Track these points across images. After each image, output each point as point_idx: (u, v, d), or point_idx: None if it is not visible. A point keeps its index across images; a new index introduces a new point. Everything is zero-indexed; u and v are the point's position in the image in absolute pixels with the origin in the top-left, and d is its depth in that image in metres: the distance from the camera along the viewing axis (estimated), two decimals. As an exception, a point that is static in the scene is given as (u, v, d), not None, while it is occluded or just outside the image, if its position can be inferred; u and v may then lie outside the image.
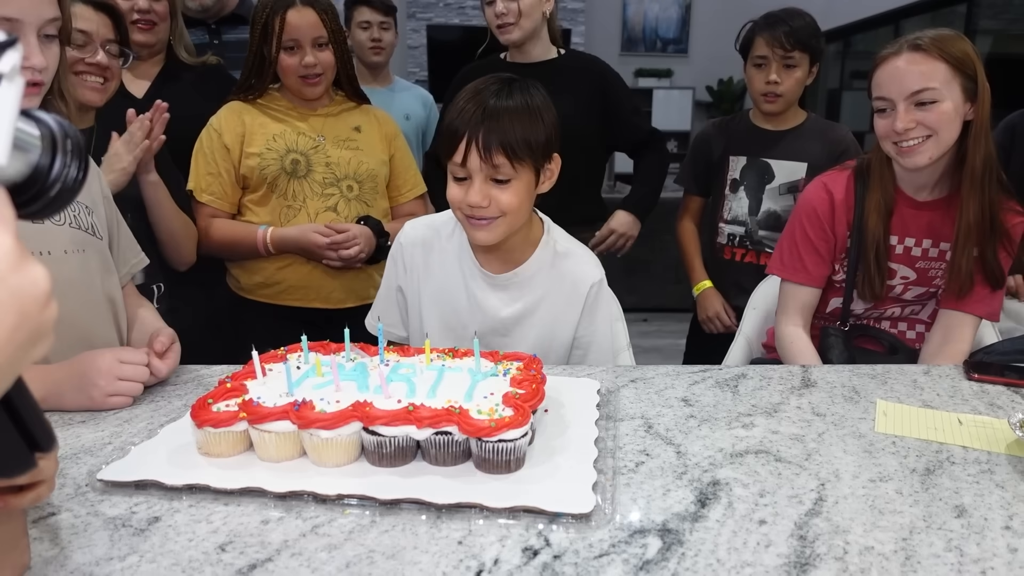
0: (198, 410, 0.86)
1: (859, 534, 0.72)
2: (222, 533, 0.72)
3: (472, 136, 1.12)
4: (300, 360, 1.03)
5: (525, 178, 1.17)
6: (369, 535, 0.72)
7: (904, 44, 1.32)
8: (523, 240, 1.27)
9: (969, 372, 1.18)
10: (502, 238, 1.21)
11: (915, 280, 1.46)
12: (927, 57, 1.29)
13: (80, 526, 0.74)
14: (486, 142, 1.11)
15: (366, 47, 2.55)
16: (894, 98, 1.32)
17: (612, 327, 1.36)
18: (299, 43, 1.64)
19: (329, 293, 1.76)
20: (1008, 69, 4.59)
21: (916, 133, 1.30)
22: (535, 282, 1.28)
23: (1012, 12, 4.56)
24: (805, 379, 1.17)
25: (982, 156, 1.32)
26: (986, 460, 0.89)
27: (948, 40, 1.30)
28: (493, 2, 1.90)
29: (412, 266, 1.34)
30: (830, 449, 0.91)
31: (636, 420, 1.00)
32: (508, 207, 1.16)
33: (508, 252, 1.27)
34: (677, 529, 0.73)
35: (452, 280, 1.30)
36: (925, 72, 1.29)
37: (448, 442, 0.83)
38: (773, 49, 1.87)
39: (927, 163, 1.33)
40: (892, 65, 1.32)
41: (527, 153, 1.14)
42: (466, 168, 1.14)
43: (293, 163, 1.69)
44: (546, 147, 1.18)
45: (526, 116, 1.14)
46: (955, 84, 1.29)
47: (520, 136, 1.12)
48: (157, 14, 1.77)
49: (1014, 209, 1.40)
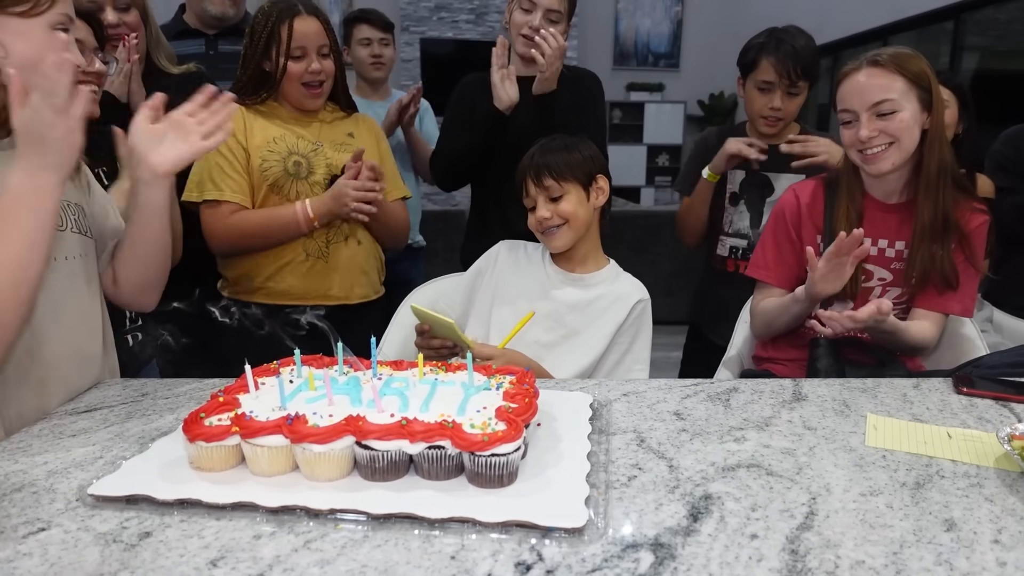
0: (190, 424, 0.86)
1: (850, 548, 0.72)
2: (214, 548, 0.72)
3: (527, 172, 1.51)
4: (293, 374, 1.03)
5: (575, 193, 1.49)
6: (362, 550, 0.72)
7: (864, 60, 1.44)
8: (591, 258, 1.57)
9: (958, 386, 1.19)
10: (570, 244, 1.52)
11: (892, 281, 1.53)
12: (885, 71, 1.40)
13: (70, 541, 0.73)
14: (537, 172, 1.49)
15: (367, 63, 2.60)
16: (857, 109, 1.43)
17: (647, 342, 1.56)
18: (306, 51, 1.67)
19: (327, 291, 1.78)
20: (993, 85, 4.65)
21: (879, 141, 1.41)
22: (598, 287, 1.55)
23: (997, 29, 4.63)
24: (796, 393, 1.17)
25: (936, 161, 1.43)
26: (975, 474, 0.89)
27: (904, 57, 1.42)
28: (532, 12, 1.85)
29: (499, 262, 1.63)
30: (821, 463, 0.92)
31: (628, 434, 1.00)
32: (566, 213, 1.48)
33: (580, 263, 1.56)
34: (669, 543, 0.73)
35: (533, 273, 1.58)
36: (884, 85, 1.40)
37: (441, 456, 0.83)
38: (780, 77, 1.86)
39: (891, 168, 1.43)
40: (854, 79, 1.43)
41: (568, 172, 1.48)
42: (530, 197, 1.51)
43: (295, 164, 1.71)
44: (586, 168, 1.50)
45: (563, 150, 1.50)
46: (912, 95, 1.40)
47: (560, 161, 1.48)
48: (128, 26, 1.77)
49: (975, 208, 1.47)
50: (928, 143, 1.43)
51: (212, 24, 2.27)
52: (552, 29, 1.81)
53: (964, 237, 1.47)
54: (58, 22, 1.05)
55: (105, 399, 1.16)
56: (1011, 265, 2.15)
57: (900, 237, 1.49)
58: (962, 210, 1.48)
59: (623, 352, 1.52)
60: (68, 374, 1.16)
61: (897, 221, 1.50)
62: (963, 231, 1.47)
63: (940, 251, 1.46)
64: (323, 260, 1.77)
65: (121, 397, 1.17)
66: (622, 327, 1.51)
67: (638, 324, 1.53)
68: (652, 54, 8.69)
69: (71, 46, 1.06)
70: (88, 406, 1.13)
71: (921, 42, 5.36)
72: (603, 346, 1.50)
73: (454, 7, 7.99)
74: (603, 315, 1.51)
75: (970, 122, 2.05)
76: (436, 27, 7.96)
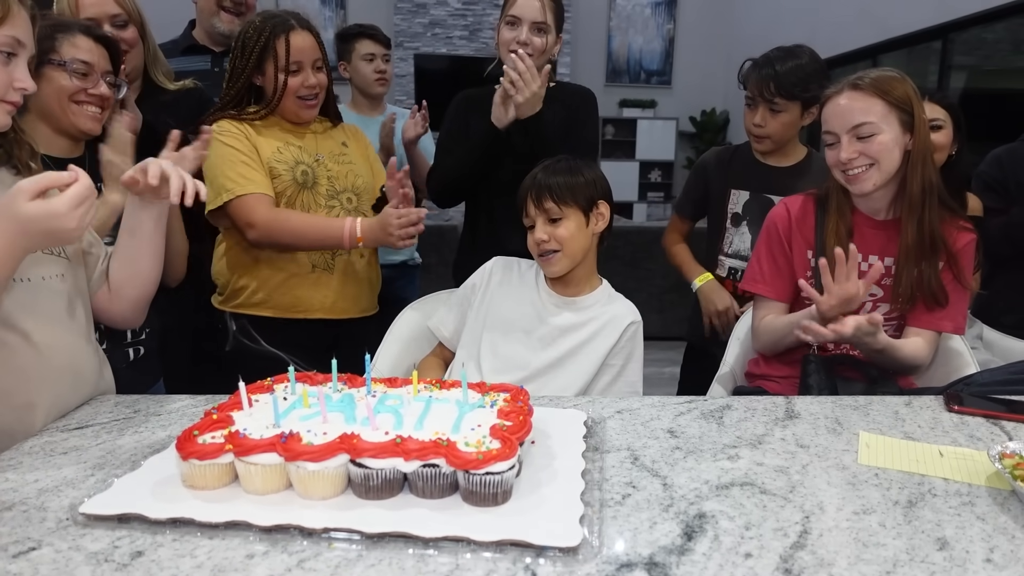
0: (183, 442, 0.86)
1: (843, 567, 0.73)
2: (206, 568, 0.72)
3: (529, 193, 1.50)
4: (287, 391, 1.03)
5: (575, 218, 1.48)
6: (355, 569, 0.71)
7: (846, 84, 1.47)
8: (585, 281, 1.57)
9: (949, 404, 1.20)
10: (566, 271, 1.51)
11: (882, 297, 1.54)
12: (864, 95, 1.43)
13: (61, 561, 0.73)
14: (538, 193, 1.48)
15: (371, 79, 2.61)
16: (838, 131, 1.46)
17: (639, 364, 1.57)
18: (301, 65, 1.68)
19: (332, 304, 1.78)
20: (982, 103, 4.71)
21: (859, 162, 1.44)
22: (590, 310, 1.54)
23: (985, 49, 4.69)
24: (789, 410, 1.18)
25: (919, 182, 1.45)
26: (967, 492, 0.90)
27: (885, 79, 1.44)
28: (518, 27, 1.84)
29: (492, 281, 1.62)
30: (814, 481, 0.92)
31: (622, 452, 1.01)
32: (563, 239, 1.47)
33: (574, 286, 1.55)
34: (664, 562, 0.73)
35: (526, 295, 1.57)
36: (863, 108, 1.43)
37: (435, 475, 0.83)
38: (760, 92, 1.88)
39: (872, 189, 1.46)
40: (835, 103, 1.47)
41: (569, 195, 1.47)
42: (530, 217, 1.51)
43: (303, 173, 1.72)
44: (588, 192, 1.49)
45: (566, 172, 1.49)
46: (892, 118, 1.43)
47: (562, 184, 1.47)
48: (126, 42, 1.78)
49: (961, 226, 1.50)
50: (911, 164, 1.45)
51: (219, 41, 2.28)
52: (524, 51, 1.79)
53: (951, 256, 1.49)
54: (2, 44, 1.04)
55: (97, 416, 1.15)
56: (1000, 283, 2.17)
57: (889, 253, 1.51)
58: (948, 229, 1.49)
59: (615, 375, 1.52)
60: (60, 392, 1.15)
61: (885, 238, 1.51)
62: (950, 250, 1.49)
63: (928, 270, 1.47)
64: (328, 272, 1.77)
65: (113, 414, 1.16)
66: (614, 349, 1.51)
67: (630, 346, 1.53)
68: (644, 71, 8.76)
69: (18, 70, 1.06)
70: (80, 423, 1.12)
71: (910, 61, 5.43)
72: (595, 368, 1.50)
73: (448, 23, 8.05)
74: (595, 337, 1.51)
75: (963, 142, 2.07)
76: (430, 43, 8.01)
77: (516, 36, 1.86)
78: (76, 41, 1.41)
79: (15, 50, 1.06)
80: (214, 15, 2.24)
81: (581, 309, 1.54)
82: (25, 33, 1.07)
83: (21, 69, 1.08)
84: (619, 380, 1.52)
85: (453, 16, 8.05)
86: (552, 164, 1.52)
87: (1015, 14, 4.21)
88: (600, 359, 1.50)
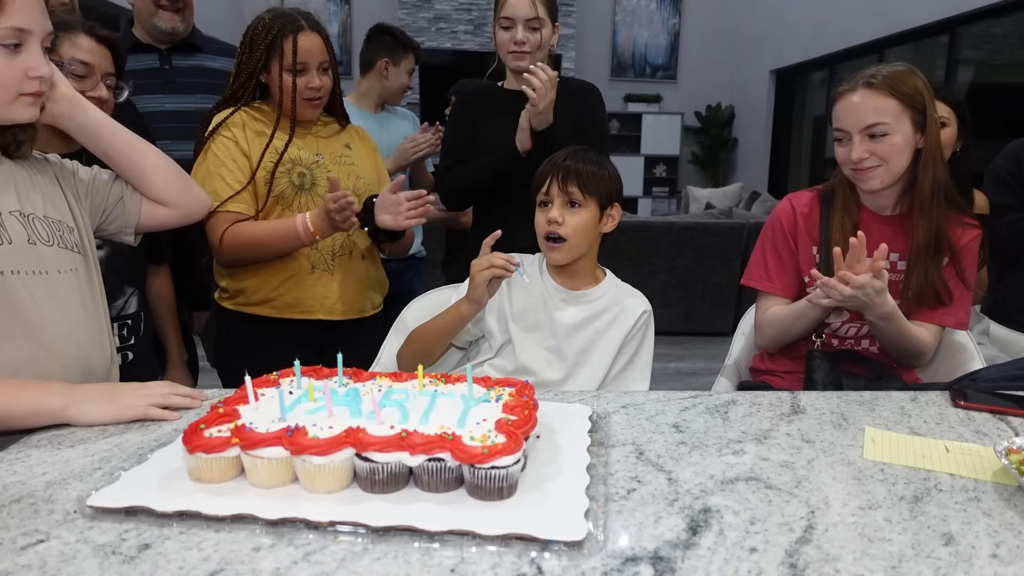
0: (190, 435, 0.86)
1: (849, 562, 0.73)
2: (213, 560, 0.72)
3: (556, 173, 1.49)
4: (293, 385, 1.03)
5: (591, 210, 1.49)
6: (361, 562, 0.72)
7: (859, 81, 1.44)
8: (589, 272, 1.58)
9: (955, 399, 1.20)
10: (567, 261, 1.52)
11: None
12: (879, 94, 1.41)
13: (69, 553, 0.73)
14: (565, 175, 1.48)
15: (402, 91, 2.77)
16: (849, 130, 1.44)
17: (649, 353, 1.58)
18: (307, 67, 1.67)
19: (333, 305, 1.77)
20: (989, 97, 4.68)
21: (869, 162, 1.44)
22: (600, 301, 1.55)
23: (993, 43, 4.66)
24: (794, 405, 1.18)
25: (931, 181, 1.45)
26: (973, 488, 0.90)
27: (900, 76, 1.42)
28: (512, 28, 1.88)
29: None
30: (820, 476, 0.92)
31: (627, 446, 1.01)
32: (574, 229, 1.47)
33: (579, 278, 1.56)
34: (669, 557, 0.73)
35: (534, 286, 1.56)
36: (877, 108, 1.41)
37: (441, 468, 0.83)
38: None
39: (880, 187, 1.46)
40: (848, 100, 1.45)
41: (594, 186, 1.48)
42: (549, 195, 1.50)
43: (300, 176, 1.71)
44: (608, 188, 1.51)
45: (595, 163, 1.51)
46: (905, 118, 1.41)
47: (591, 173, 1.48)
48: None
49: (967, 223, 1.49)
50: (922, 163, 1.45)
51: (163, 39, 2.25)
52: (522, 49, 1.86)
53: (955, 252, 1.49)
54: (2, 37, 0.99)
55: (103, 409, 1.15)
56: (1012, 279, 2.15)
57: (894, 248, 1.50)
58: (953, 225, 1.49)
59: (626, 363, 1.54)
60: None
61: (891, 233, 1.51)
62: (954, 246, 1.49)
63: (934, 268, 1.47)
64: (328, 273, 1.76)
65: (119, 407, 1.16)
66: (628, 337, 1.52)
67: (642, 334, 1.54)
68: (649, 66, 8.75)
69: (31, 57, 1.03)
70: (86, 416, 1.12)
71: (917, 55, 5.40)
72: (610, 361, 1.52)
73: (452, 18, 8.04)
74: (608, 330, 1.53)
75: (968, 139, 2.06)
76: (435, 37, 8.01)
77: (512, 37, 1.88)
78: (77, 41, 1.39)
79: (20, 40, 1.02)
80: (153, 15, 2.21)
81: (590, 302, 1.55)
82: (29, 19, 1.02)
83: (34, 56, 1.03)
84: (630, 369, 1.54)
85: (458, 11, 8.04)
86: (580, 152, 1.53)
87: (1023, 8, 4.18)
88: (615, 351, 1.52)
